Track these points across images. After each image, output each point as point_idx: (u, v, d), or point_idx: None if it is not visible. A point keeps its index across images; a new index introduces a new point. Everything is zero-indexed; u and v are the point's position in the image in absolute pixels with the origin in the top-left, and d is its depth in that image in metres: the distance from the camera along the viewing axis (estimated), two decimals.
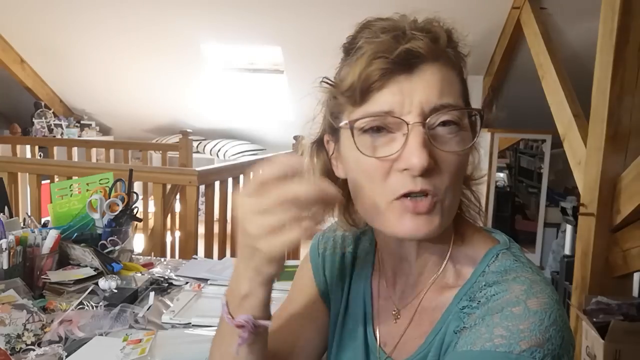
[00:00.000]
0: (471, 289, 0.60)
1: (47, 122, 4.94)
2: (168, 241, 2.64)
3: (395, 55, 0.54)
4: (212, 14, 3.69)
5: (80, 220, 1.49)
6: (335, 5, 3.30)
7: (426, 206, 0.55)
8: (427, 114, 0.55)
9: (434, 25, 0.57)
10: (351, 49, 0.59)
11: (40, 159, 4.23)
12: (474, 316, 0.56)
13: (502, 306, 0.54)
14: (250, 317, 0.59)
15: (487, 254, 0.62)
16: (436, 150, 0.55)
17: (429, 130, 0.55)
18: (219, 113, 4.91)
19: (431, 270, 0.65)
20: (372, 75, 0.54)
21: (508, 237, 0.66)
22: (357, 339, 0.71)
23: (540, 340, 0.51)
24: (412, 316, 0.66)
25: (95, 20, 3.92)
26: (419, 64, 0.55)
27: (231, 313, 0.60)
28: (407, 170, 0.55)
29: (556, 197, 4.11)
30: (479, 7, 3.21)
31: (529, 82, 3.23)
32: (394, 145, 0.56)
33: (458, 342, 0.56)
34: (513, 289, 0.56)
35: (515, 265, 0.59)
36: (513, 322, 0.52)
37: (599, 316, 1.87)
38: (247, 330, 0.59)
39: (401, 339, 0.66)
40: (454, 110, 0.56)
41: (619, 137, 1.96)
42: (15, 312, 1.06)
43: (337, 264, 0.76)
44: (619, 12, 1.89)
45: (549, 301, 0.54)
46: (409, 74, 0.55)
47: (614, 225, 2.00)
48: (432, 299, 0.64)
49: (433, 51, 0.55)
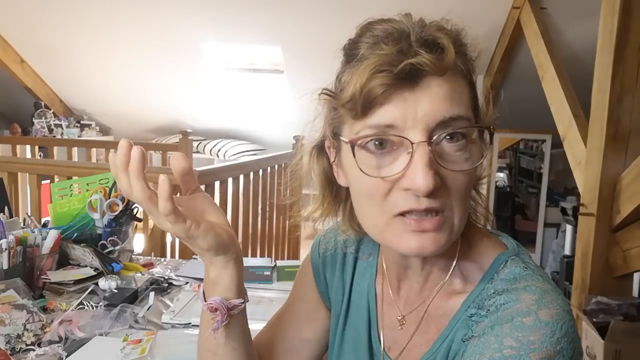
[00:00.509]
0: (479, 296, 0.58)
1: (47, 122, 4.94)
2: (168, 241, 2.63)
3: (398, 69, 0.50)
4: (212, 14, 3.69)
5: (80, 220, 1.49)
6: (336, 5, 3.30)
7: (433, 224, 0.53)
8: (433, 129, 0.52)
9: (441, 36, 0.53)
10: (352, 55, 0.56)
11: (40, 159, 4.23)
12: (483, 325, 0.55)
13: (512, 316, 0.53)
14: (221, 298, 0.62)
15: (495, 260, 0.61)
16: (442, 169, 0.52)
17: (435, 146, 0.52)
18: (219, 113, 4.91)
19: (437, 277, 0.63)
20: (374, 90, 0.51)
21: (516, 242, 0.64)
22: (360, 342, 0.70)
23: (551, 352, 0.49)
24: (418, 323, 0.64)
25: (95, 21, 3.92)
26: (424, 77, 0.52)
27: (206, 300, 0.63)
28: (410, 190, 0.52)
29: (556, 197, 4.11)
30: (479, 7, 3.21)
31: (529, 82, 3.23)
32: (397, 164, 0.53)
33: (466, 351, 0.55)
34: (523, 298, 0.54)
35: (525, 273, 0.57)
36: (523, 333, 0.51)
37: (599, 316, 1.87)
38: (220, 313, 0.61)
39: (407, 345, 0.65)
40: (461, 124, 0.53)
41: (619, 137, 1.96)
42: (15, 312, 1.06)
43: (338, 265, 0.76)
44: (619, 13, 1.89)
45: (561, 312, 0.52)
46: (413, 88, 0.52)
47: (614, 225, 2.00)
48: (438, 305, 0.63)
49: (439, 66, 0.51)
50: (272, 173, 3.20)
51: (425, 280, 0.64)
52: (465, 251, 0.63)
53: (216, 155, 4.90)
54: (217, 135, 5.12)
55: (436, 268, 0.63)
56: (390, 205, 0.54)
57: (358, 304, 0.72)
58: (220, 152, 4.88)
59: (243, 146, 4.96)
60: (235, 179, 2.70)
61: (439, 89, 0.52)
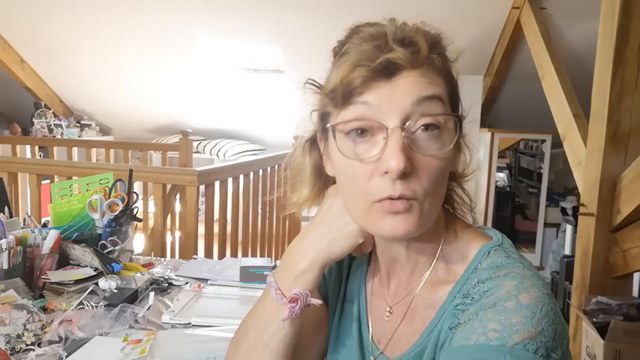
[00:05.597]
0: (464, 286, 0.61)
1: (47, 122, 4.94)
2: (168, 241, 2.64)
3: (376, 64, 0.55)
4: (212, 14, 3.69)
5: (80, 220, 1.49)
6: (336, 5, 3.30)
7: (403, 206, 0.57)
8: (406, 117, 0.56)
9: (416, 35, 0.57)
10: (339, 53, 0.61)
11: (40, 159, 4.23)
12: (468, 312, 0.57)
13: (495, 301, 0.55)
14: (307, 292, 0.64)
15: (479, 251, 0.63)
16: (415, 154, 0.56)
17: (409, 134, 0.56)
18: (218, 113, 4.91)
19: (422, 268, 0.66)
20: (353, 81, 0.56)
21: (501, 233, 0.67)
22: (351, 336, 0.73)
23: (533, 332, 0.52)
24: (404, 313, 0.67)
25: (95, 21, 3.92)
26: (400, 71, 0.56)
27: (282, 290, 0.65)
28: (387, 173, 0.56)
29: (556, 197, 4.11)
30: (479, 7, 3.21)
31: (529, 82, 3.23)
32: (374, 148, 0.57)
33: (453, 338, 0.57)
34: (505, 284, 0.57)
35: (507, 262, 0.60)
36: (505, 316, 0.53)
37: (599, 316, 1.87)
38: (299, 304, 0.64)
39: (393, 336, 0.68)
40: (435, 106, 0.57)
41: (619, 137, 1.96)
42: (15, 312, 1.06)
43: (335, 264, 0.77)
44: (619, 12, 1.90)
45: (540, 295, 0.55)
46: (389, 80, 0.56)
47: (614, 225, 2.00)
48: (424, 296, 0.65)
49: (413, 61, 0.56)
50: (272, 173, 3.20)
51: (411, 271, 0.67)
52: (450, 243, 0.66)
53: (216, 155, 4.90)
54: (217, 135, 5.12)
55: (421, 260, 0.66)
56: (370, 190, 0.58)
57: (351, 301, 0.76)
58: (220, 152, 4.88)
59: (243, 146, 4.96)
60: (235, 179, 2.70)
61: (413, 82, 0.57)
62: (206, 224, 2.40)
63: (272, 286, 0.67)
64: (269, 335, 0.66)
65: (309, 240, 0.66)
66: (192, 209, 2.29)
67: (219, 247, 2.54)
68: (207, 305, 1.27)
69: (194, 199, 2.29)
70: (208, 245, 2.41)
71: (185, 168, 3.62)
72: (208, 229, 2.41)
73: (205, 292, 1.36)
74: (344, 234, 0.65)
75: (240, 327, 0.73)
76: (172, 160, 4.39)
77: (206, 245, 2.40)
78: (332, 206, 0.67)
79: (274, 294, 0.66)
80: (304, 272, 0.65)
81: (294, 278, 0.65)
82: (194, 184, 2.27)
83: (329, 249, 0.65)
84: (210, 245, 2.43)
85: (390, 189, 0.56)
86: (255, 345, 0.68)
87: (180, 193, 2.69)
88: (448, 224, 0.67)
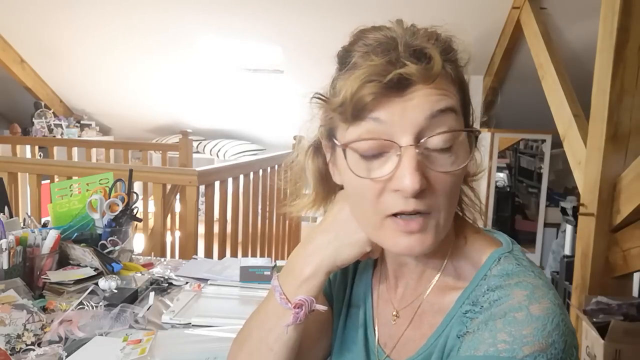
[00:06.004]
0: (473, 292, 0.60)
1: (47, 122, 4.94)
2: (168, 241, 2.64)
3: (387, 79, 0.53)
4: (212, 14, 3.68)
5: (80, 220, 1.49)
6: (336, 5, 3.30)
7: (418, 225, 0.56)
8: (420, 133, 0.54)
9: (429, 46, 0.54)
10: (345, 62, 0.58)
11: (40, 159, 4.23)
12: (477, 321, 0.56)
13: (505, 312, 0.54)
14: (312, 298, 0.64)
15: (489, 257, 0.62)
16: (429, 170, 0.55)
17: (423, 149, 0.55)
18: (219, 113, 4.91)
19: (431, 273, 0.65)
20: (364, 98, 0.54)
21: (510, 239, 0.65)
22: (357, 340, 0.72)
23: (543, 345, 0.51)
24: (411, 317, 0.66)
25: (95, 21, 3.92)
26: (412, 85, 0.54)
27: (286, 295, 0.65)
28: (399, 191, 0.54)
29: (556, 197, 4.10)
30: (479, 7, 3.21)
31: (529, 82, 3.23)
32: (387, 166, 0.55)
33: (461, 347, 0.56)
34: (515, 294, 0.55)
35: (518, 269, 0.59)
36: (516, 328, 0.52)
37: (599, 316, 1.87)
38: (304, 310, 0.63)
39: (400, 340, 0.67)
40: (449, 119, 0.55)
41: (619, 137, 1.96)
42: (15, 312, 1.06)
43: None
44: (619, 13, 1.89)
45: (552, 306, 0.54)
46: (402, 95, 0.54)
47: (614, 225, 2.00)
48: (432, 301, 0.64)
49: (427, 76, 0.54)
50: (272, 173, 3.20)
51: (419, 276, 0.66)
52: (460, 248, 0.64)
53: (216, 155, 4.90)
54: (217, 135, 5.11)
55: (430, 265, 0.65)
56: (382, 206, 0.57)
57: (357, 304, 0.74)
58: (220, 152, 4.88)
59: (243, 146, 4.96)
60: (235, 179, 2.70)
61: (426, 97, 0.54)
62: (206, 224, 2.40)
63: (277, 290, 0.66)
64: (273, 339, 0.66)
65: (314, 245, 0.65)
66: (192, 209, 2.29)
67: (219, 247, 2.54)
68: (207, 305, 1.27)
69: (194, 199, 2.29)
70: (208, 245, 2.41)
71: (185, 168, 3.62)
72: (208, 229, 2.41)
73: (205, 292, 1.36)
74: (352, 242, 0.63)
75: (244, 328, 0.73)
76: (172, 160, 4.39)
77: (206, 245, 2.40)
78: (341, 211, 0.65)
79: (279, 298, 0.65)
80: (309, 278, 0.64)
81: (299, 283, 0.65)
82: (194, 184, 2.27)
83: (335, 255, 0.64)
84: (210, 245, 2.43)
85: (402, 204, 0.55)
86: (259, 347, 0.68)
87: (180, 193, 2.69)
88: (457, 229, 0.65)
